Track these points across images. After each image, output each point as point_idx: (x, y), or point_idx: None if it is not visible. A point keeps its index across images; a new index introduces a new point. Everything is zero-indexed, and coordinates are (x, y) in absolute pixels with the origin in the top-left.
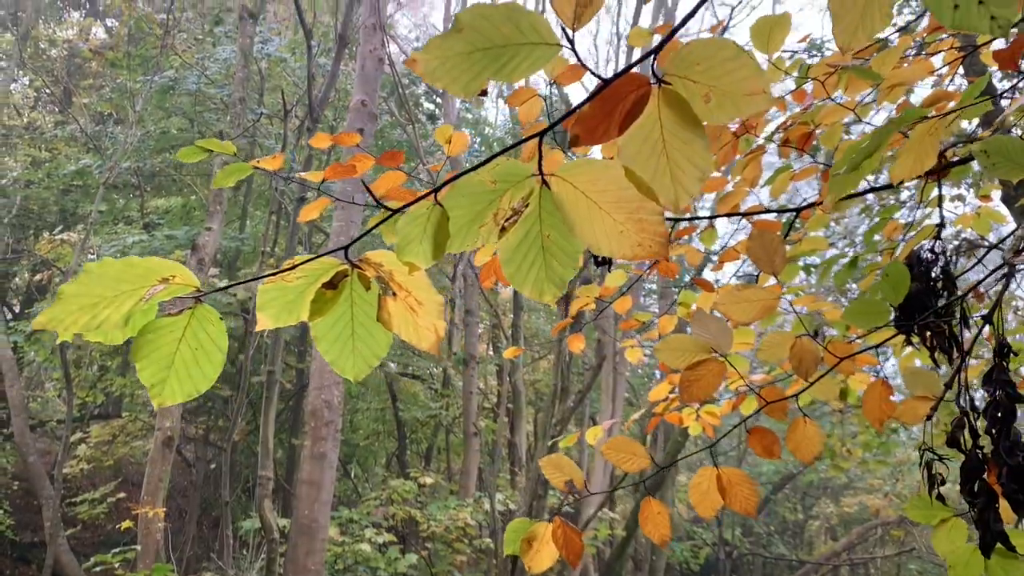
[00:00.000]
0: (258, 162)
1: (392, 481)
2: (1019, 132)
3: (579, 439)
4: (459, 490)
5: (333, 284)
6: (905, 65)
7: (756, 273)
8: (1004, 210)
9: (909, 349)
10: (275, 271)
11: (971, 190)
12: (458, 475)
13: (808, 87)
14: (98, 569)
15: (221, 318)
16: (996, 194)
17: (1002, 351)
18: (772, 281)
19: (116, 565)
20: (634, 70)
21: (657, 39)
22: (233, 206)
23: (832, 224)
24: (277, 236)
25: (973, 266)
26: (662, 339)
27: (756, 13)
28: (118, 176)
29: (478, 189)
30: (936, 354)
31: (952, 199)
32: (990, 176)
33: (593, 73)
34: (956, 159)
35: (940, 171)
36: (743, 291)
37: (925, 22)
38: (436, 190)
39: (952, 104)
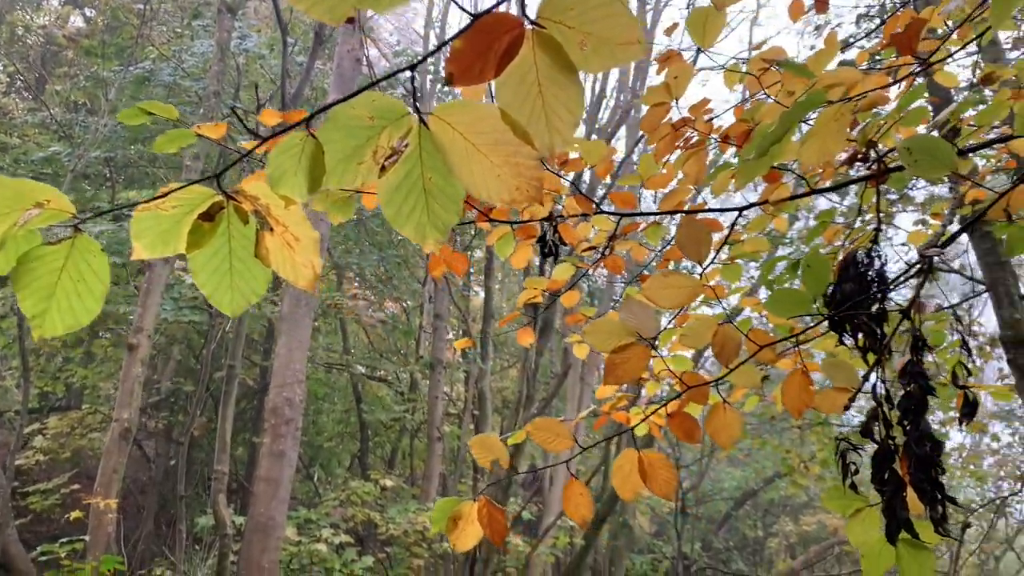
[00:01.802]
0: (200, 128)
1: (352, 482)
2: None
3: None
4: (421, 494)
5: (210, 216)
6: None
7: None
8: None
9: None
10: (148, 199)
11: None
12: (420, 479)
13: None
14: (44, 559)
15: (102, 250)
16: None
17: (916, 345)
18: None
19: (63, 555)
20: (511, 11)
21: None
22: None
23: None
24: None
25: (904, 273)
26: (590, 323)
27: (735, 34)
28: (88, 166)
29: (355, 124)
30: (867, 354)
31: (915, 223)
32: (915, 176)
33: (460, 7)
34: (895, 165)
35: (878, 176)
36: (669, 278)
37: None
38: (309, 119)
39: (887, 102)
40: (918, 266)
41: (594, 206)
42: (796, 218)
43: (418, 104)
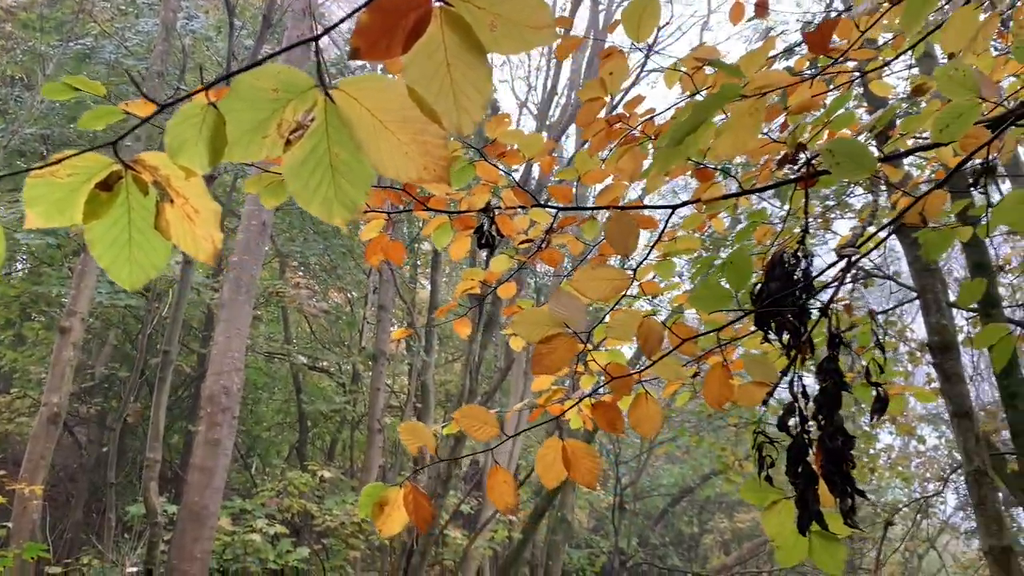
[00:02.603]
0: (127, 104)
1: (290, 473)
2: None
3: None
4: (359, 486)
5: (108, 185)
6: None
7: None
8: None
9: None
10: (43, 164)
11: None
12: (360, 471)
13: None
14: None
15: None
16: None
17: (833, 342)
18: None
19: None
20: None
21: None
22: None
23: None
24: None
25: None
26: (518, 314)
27: (686, 38)
28: (24, 143)
29: (259, 96)
30: (791, 351)
31: (852, 229)
32: (839, 178)
33: None
34: (824, 168)
35: (807, 178)
36: (597, 270)
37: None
38: (208, 87)
39: (818, 107)
40: (838, 265)
41: (531, 199)
42: (738, 220)
43: (325, 77)
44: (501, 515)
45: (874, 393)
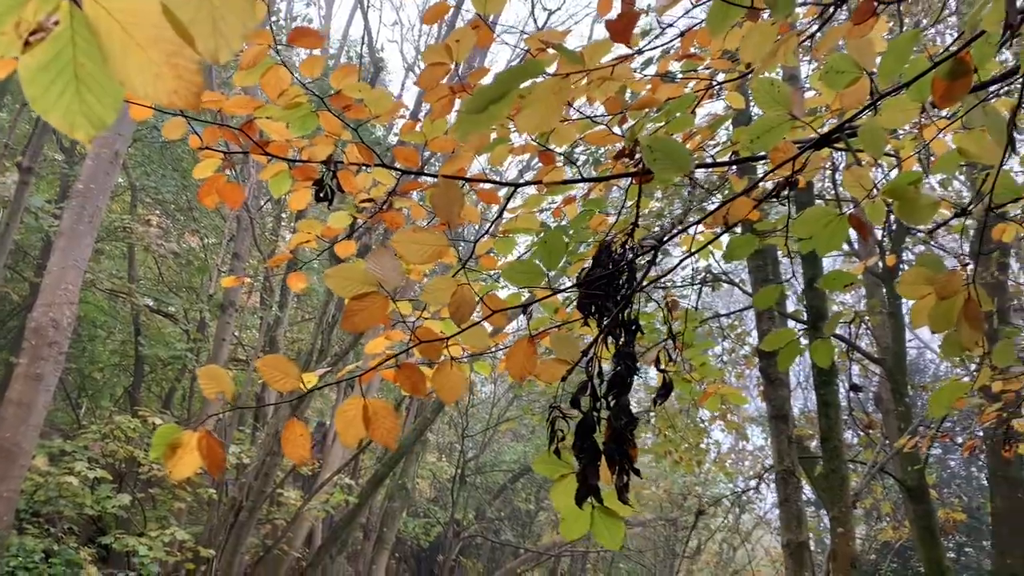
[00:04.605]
0: None
1: (118, 417)
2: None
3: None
4: None
5: None
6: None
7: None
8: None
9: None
10: None
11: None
12: (195, 422)
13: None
14: None
15: None
16: None
17: (629, 328)
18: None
19: None
20: None
21: None
22: None
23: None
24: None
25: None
26: (332, 268)
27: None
28: None
29: None
30: (609, 334)
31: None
32: (657, 174)
33: None
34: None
35: (641, 174)
36: (417, 234)
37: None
38: None
39: (657, 104)
40: (648, 257)
41: (375, 157)
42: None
43: None
44: (339, 479)
45: (661, 380)
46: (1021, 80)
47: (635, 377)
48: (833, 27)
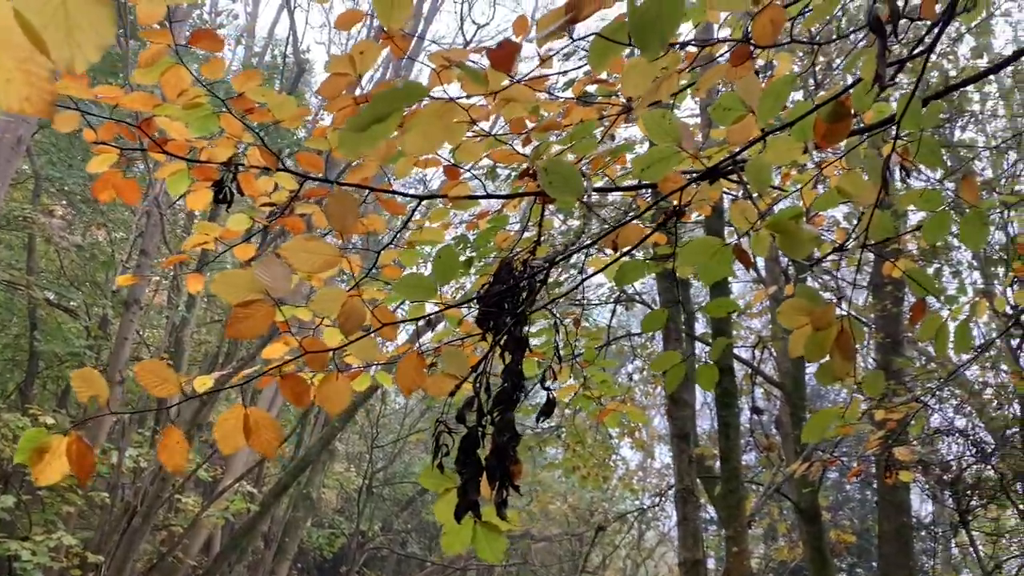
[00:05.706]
0: None
1: (6, 414)
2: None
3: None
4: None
5: None
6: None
7: None
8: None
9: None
10: None
11: None
12: (92, 423)
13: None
14: None
15: None
16: None
17: (518, 346)
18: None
19: None
20: None
21: None
22: None
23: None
24: None
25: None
26: (219, 273)
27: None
28: None
29: None
30: (505, 351)
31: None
32: (554, 196)
33: None
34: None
35: (543, 193)
36: (309, 243)
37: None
38: None
39: (560, 128)
40: (540, 277)
41: (276, 162)
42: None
43: None
44: (241, 486)
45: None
46: (895, 127)
47: (521, 394)
48: (714, 67)
